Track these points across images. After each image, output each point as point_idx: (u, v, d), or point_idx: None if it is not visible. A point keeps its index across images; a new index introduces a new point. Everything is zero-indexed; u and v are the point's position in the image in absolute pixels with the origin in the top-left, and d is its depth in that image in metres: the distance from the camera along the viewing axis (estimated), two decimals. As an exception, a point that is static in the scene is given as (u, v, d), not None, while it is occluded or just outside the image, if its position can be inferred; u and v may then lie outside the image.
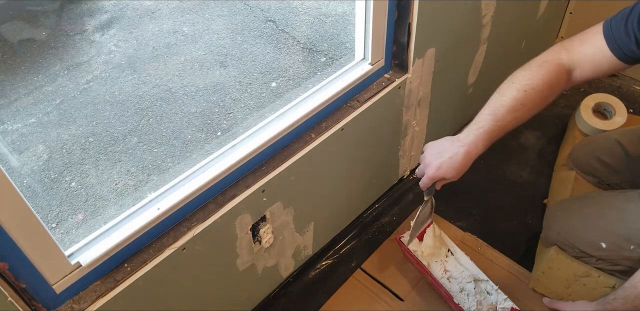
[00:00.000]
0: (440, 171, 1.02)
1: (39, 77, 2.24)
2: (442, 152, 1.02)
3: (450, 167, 1.01)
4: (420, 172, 1.08)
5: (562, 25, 1.99)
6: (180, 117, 2.03)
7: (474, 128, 1.00)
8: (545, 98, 1.00)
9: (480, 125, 1.00)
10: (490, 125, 0.99)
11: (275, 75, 2.21)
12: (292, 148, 1.13)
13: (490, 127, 0.99)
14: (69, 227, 1.68)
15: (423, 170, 1.06)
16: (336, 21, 2.51)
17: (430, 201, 1.24)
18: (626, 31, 0.91)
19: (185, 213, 0.99)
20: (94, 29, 2.51)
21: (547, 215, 1.31)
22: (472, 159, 1.01)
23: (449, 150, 1.01)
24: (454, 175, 1.02)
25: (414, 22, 1.17)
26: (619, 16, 0.94)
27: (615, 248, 1.13)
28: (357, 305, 1.32)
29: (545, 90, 0.98)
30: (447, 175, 1.02)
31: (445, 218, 1.49)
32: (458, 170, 1.01)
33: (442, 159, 1.01)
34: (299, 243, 1.31)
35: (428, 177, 1.05)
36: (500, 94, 1.01)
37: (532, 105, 0.99)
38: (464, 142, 1.00)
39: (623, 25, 0.92)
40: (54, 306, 0.86)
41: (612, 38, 0.94)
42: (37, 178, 1.83)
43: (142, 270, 0.92)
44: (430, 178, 1.05)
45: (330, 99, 1.16)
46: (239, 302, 1.25)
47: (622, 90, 1.92)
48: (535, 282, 1.30)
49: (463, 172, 1.02)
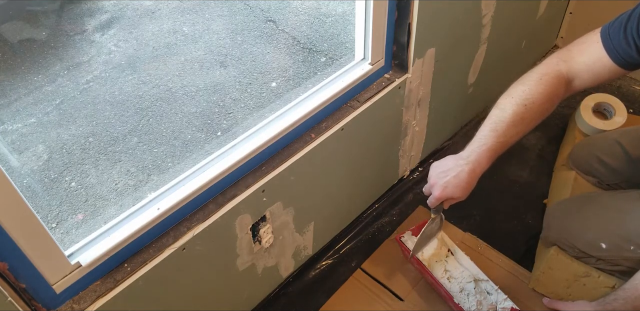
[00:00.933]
0: (446, 191, 1.01)
1: (39, 77, 2.24)
2: (447, 171, 1.01)
3: (456, 187, 1.00)
4: (427, 190, 1.07)
5: (562, 25, 1.99)
6: (180, 117, 2.03)
7: (477, 146, 0.99)
8: (545, 111, 0.99)
9: (482, 143, 0.98)
10: (493, 142, 0.97)
11: (275, 75, 2.21)
12: (292, 148, 1.13)
13: (492, 143, 0.97)
14: (69, 227, 1.68)
15: (429, 190, 1.05)
16: (336, 21, 2.51)
17: (439, 217, 1.23)
18: (625, 38, 0.91)
19: (185, 213, 0.99)
20: (94, 29, 2.51)
21: (547, 215, 1.31)
22: (477, 177, 0.99)
23: (453, 169, 1.00)
24: (460, 194, 1.01)
25: (414, 22, 1.17)
26: (617, 23, 0.93)
27: (615, 249, 1.13)
28: (357, 305, 1.32)
29: (545, 103, 0.98)
30: (454, 194, 1.01)
31: (446, 218, 1.49)
32: (464, 189, 1.00)
33: (447, 179, 1.00)
34: (299, 243, 1.31)
35: (435, 198, 1.04)
36: (499, 110, 0.99)
37: (533, 119, 0.98)
38: (468, 160, 0.98)
39: (622, 31, 0.91)
40: (54, 306, 0.86)
41: (611, 46, 0.93)
42: (37, 178, 1.83)
43: (142, 270, 0.92)
44: (437, 199, 1.04)
45: (330, 99, 1.16)
46: (239, 302, 1.25)
47: (622, 90, 1.92)
48: (535, 282, 1.30)
49: (469, 190, 1.01)
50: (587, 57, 0.97)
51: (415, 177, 1.66)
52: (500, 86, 1.81)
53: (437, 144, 1.71)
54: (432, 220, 1.22)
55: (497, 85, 1.84)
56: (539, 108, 0.97)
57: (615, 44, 0.93)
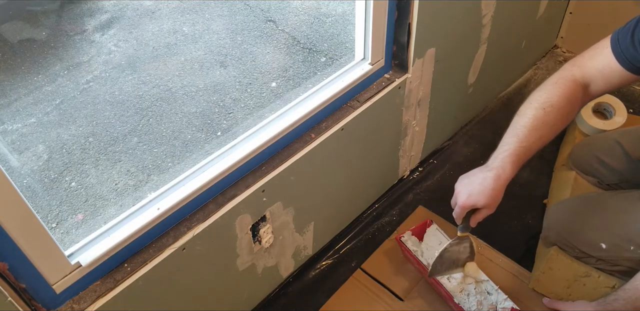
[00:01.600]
0: (470, 198, 0.97)
1: (39, 77, 2.24)
2: (472, 179, 0.99)
3: (480, 193, 0.96)
4: (453, 202, 1.03)
5: (562, 25, 1.99)
6: (180, 117, 2.03)
7: (500, 153, 0.98)
8: (566, 115, 0.98)
9: (505, 149, 0.97)
10: (515, 147, 0.96)
11: (275, 75, 2.21)
12: (292, 148, 1.13)
13: (515, 149, 0.96)
14: (69, 227, 1.68)
15: (454, 201, 1.02)
16: (336, 21, 2.51)
17: (468, 241, 1.15)
18: (633, 43, 0.91)
19: (185, 213, 0.99)
20: (94, 29, 2.51)
21: (547, 215, 1.31)
22: (503, 184, 0.96)
23: (478, 177, 0.98)
24: (486, 201, 0.97)
25: (414, 22, 1.17)
26: (626, 28, 0.94)
27: (616, 249, 1.13)
28: (357, 305, 1.32)
29: (564, 106, 0.97)
30: (478, 202, 0.97)
31: (446, 218, 1.49)
32: (490, 196, 0.96)
33: (472, 186, 0.98)
34: (299, 243, 1.31)
35: (459, 206, 1.00)
36: (520, 116, 0.99)
37: (554, 123, 0.97)
38: (491, 167, 0.97)
39: (630, 36, 0.92)
40: (54, 306, 0.86)
41: (619, 50, 0.94)
42: (37, 178, 1.83)
43: (142, 270, 0.92)
44: (461, 207, 0.99)
45: (330, 99, 1.16)
46: (239, 302, 1.25)
47: (622, 90, 1.91)
48: (535, 282, 1.30)
49: (496, 198, 0.97)
50: (598, 62, 0.98)
51: (415, 177, 1.66)
52: (500, 86, 1.82)
53: (437, 144, 1.71)
54: (457, 239, 1.13)
55: (497, 85, 1.84)
56: (559, 111, 0.97)
57: (623, 49, 0.93)
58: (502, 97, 1.88)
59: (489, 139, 1.75)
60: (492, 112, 1.84)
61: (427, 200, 1.59)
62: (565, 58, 2.03)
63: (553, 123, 0.97)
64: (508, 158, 0.96)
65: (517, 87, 1.93)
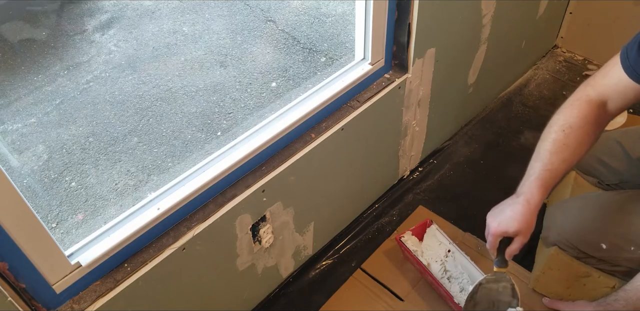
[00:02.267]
0: (501, 225, 0.96)
1: (39, 77, 2.24)
2: (502, 208, 0.99)
3: (510, 219, 0.95)
4: (486, 234, 1.02)
5: (562, 25, 1.99)
6: (180, 117, 2.03)
7: (526, 178, 0.98)
8: (588, 135, 0.98)
9: (530, 174, 0.98)
10: (540, 171, 0.96)
11: (275, 75, 2.21)
12: (292, 148, 1.13)
13: (540, 173, 0.96)
14: (69, 227, 1.68)
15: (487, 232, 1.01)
16: (336, 21, 2.51)
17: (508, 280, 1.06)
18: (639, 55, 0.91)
19: (185, 213, 0.99)
20: (94, 29, 2.51)
21: (547, 215, 1.31)
22: (533, 209, 0.95)
23: (508, 204, 0.98)
24: (517, 227, 0.95)
25: (414, 22, 1.17)
26: (632, 42, 0.93)
27: (616, 249, 1.13)
28: (357, 305, 1.32)
29: (584, 126, 0.97)
30: (509, 228, 0.96)
31: (446, 218, 1.49)
32: (521, 221, 0.94)
33: (502, 214, 0.98)
34: (299, 243, 1.31)
35: (490, 234, 0.98)
36: (542, 141, 1.00)
37: (577, 145, 0.97)
38: (520, 192, 0.97)
39: (636, 49, 0.91)
40: (54, 306, 0.86)
41: (628, 64, 0.93)
42: (37, 178, 1.83)
43: (142, 270, 0.92)
44: (493, 235, 0.98)
45: (330, 99, 1.16)
46: (239, 302, 1.25)
47: (622, 90, 1.91)
48: (535, 282, 1.30)
49: (528, 224, 0.95)
50: (610, 79, 0.97)
51: (416, 177, 1.66)
52: (500, 86, 1.82)
53: (437, 144, 1.71)
54: (494, 274, 1.06)
55: (497, 85, 1.84)
56: (579, 132, 0.97)
57: (632, 62, 0.93)
58: (502, 97, 1.89)
59: (489, 139, 1.75)
60: (492, 112, 1.84)
61: (427, 200, 1.59)
62: (565, 58, 2.03)
63: (575, 146, 0.97)
64: (534, 183, 0.96)
65: (517, 87, 1.93)
